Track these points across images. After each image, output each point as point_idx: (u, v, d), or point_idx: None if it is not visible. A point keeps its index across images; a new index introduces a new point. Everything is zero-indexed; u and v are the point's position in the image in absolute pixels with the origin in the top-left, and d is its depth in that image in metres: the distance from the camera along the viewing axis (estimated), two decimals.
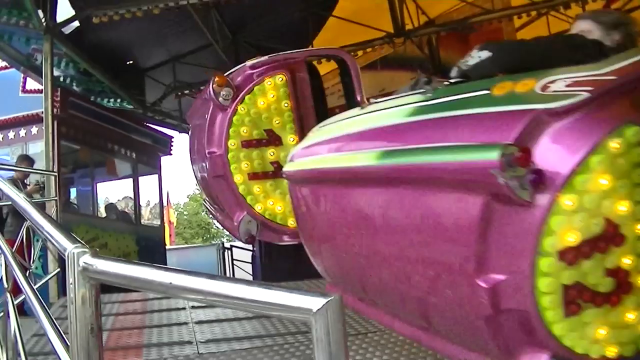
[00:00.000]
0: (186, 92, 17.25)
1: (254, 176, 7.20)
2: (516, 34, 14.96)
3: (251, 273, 17.67)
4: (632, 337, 3.06)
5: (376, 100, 4.65)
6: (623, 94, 3.00)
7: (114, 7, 11.78)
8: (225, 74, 7.40)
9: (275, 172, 7.17)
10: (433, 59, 16.17)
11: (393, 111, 4.00)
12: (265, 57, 7.51)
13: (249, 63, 7.45)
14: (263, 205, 7.25)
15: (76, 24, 13.15)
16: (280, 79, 7.24)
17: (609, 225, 2.90)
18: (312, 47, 14.87)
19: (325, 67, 10.35)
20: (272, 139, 7.21)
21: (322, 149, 4.92)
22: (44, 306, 2.74)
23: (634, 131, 2.83)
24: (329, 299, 1.42)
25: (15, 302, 4.45)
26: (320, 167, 4.76)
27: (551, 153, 2.82)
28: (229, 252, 22.06)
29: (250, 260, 17.95)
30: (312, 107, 7.53)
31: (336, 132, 4.88)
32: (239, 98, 7.27)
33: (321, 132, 5.34)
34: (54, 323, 2.46)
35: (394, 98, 4.25)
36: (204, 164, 7.67)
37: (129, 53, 16.22)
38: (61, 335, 2.32)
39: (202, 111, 7.91)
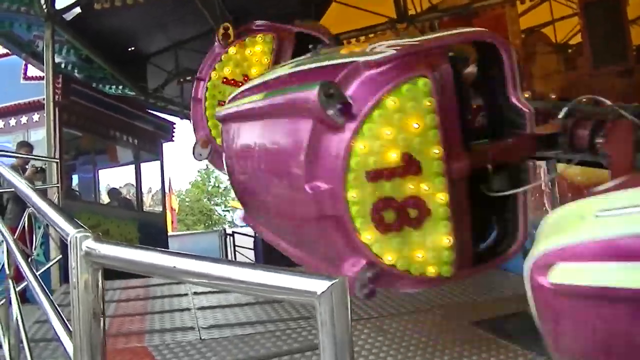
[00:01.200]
0: (188, 78, 17.18)
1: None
2: (519, 20, 14.92)
3: (253, 259, 17.68)
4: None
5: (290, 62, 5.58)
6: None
7: None
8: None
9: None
10: None
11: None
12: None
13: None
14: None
15: (77, 10, 13.09)
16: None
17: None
18: None
19: None
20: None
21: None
22: (46, 292, 2.73)
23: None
24: (334, 281, 1.41)
25: (18, 289, 4.45)
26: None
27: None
28: (231, 238, 22.08)
29: (252, 247, 17.97)
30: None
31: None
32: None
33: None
34: (57, 309, 2.45)
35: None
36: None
37: (131, 39, 16.16)
38: (64, 321, 2.31)
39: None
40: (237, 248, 21.30)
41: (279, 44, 8.08)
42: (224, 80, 7.95)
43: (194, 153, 7.99)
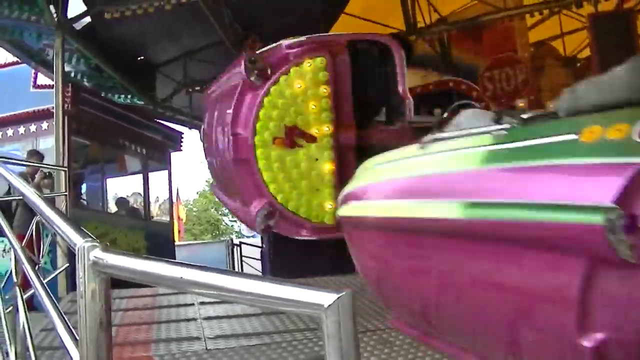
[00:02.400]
0: (197, 88, 17.23)
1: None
2: (528, 33, 14.94)
3: (260, 270, 17.68)
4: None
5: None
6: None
7: (125, 3, 11.80)
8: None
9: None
10: (445, 57, 16.16)
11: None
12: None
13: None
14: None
15: (88, 19, 13.15)
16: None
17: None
18: None
19: None
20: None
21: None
22: (53, 300, 2.74)
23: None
24: (340, 294, 1.41)
25: (25, 297, 4.47)
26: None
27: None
28: (238, 248, 22.09)
29: (259, 257, 17.98)
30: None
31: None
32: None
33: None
34: (63, 317, 2.46)
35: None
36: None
37: (140, 49, 16.22)
38: (70, 329, 2.31)
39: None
40: (244, 258, 21.30)
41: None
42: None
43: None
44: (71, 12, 12.32)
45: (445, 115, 5.39)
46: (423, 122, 7.21)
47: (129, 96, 17.54)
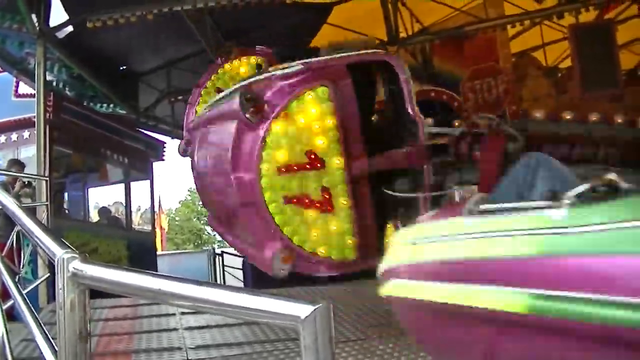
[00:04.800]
0: (179, 97, 17.20)
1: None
2: (510, 43, 15.00)
3: (242, 280, 17.64)
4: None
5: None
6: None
7: (108, 12, 11.77)
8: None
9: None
10: (427, 67, 16.20)
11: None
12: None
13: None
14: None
15: (70, 28, 13.10)
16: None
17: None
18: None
19: None
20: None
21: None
22: (32, 311, 2.74)
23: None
24: (317, 306, 1.42)
25: (4, 307, 4.44)
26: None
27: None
28: (220, 258, 22.03)
29: (241, 267, 17.94)
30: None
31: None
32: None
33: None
34: (43, 328, 2.46)
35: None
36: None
37: (123, 58, 16.19)
38: (50, 340, 2.31)
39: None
40: (226, 268, 21.25)
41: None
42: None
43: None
44: (54, 21, 12.28)
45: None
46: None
47: (111, 105, 17.49)
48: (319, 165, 6.24)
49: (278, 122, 6.12)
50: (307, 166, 6.20)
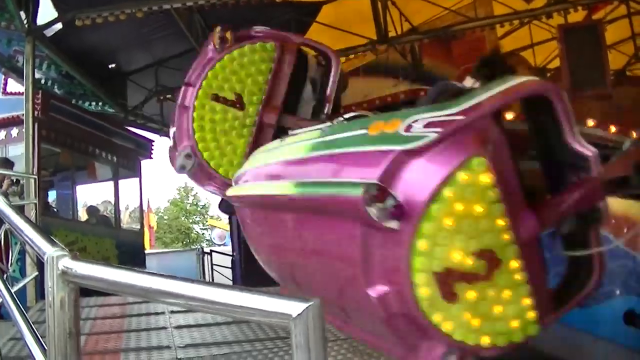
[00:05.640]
0: (168, 96, 17.16)
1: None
2: (499, 43, 15.04)
3: (231, 278, 17.62)
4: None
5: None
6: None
7: (97, 10, 11.72)
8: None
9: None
10: (416, 66, 16.21)
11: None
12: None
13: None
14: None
15: (59, 26, 13.05)
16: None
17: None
18: None
19: None
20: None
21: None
22: (21, 310, 2.72)
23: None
24: (309, 304, 1.42)
25: None
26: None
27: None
28: (209, 257, 22.00)
29: (230, 266, 17.92)
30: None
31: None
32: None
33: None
34: (32, 327, 2.45)
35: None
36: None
37: (112, 56, 16.15)
38: (38, 339, 2.30)
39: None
40: (214, 267, 21.22)
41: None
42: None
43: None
44: (42, 19, 12.23)
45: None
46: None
47: (100, 104, 17.45)
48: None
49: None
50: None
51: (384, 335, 4.26)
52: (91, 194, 20.89)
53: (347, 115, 4.99)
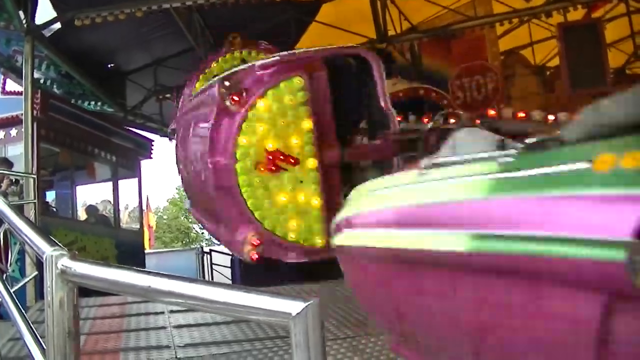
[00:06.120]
0: (167, 95, 17.17)
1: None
2: (498, 42, 15.05)
3: (230, 278, 17.62)
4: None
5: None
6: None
7: (96, 9, 11.71)
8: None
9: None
10: (415, 65, 16.22)
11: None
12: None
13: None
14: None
15: (58, 26, 13.06)
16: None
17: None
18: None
19: None
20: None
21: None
22: (20, 310, 2.72)
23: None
24: (308, 303, 1.42)
25: None
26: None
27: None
28: (208, 256, 22.00)
29: (229, 265, 17.93)
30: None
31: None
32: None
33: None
34: (31, 327, 2.44)
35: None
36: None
37: (111, 56, 16.16)
38: (38, 339, 2.30)
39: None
40: (214, 266, 21.22)
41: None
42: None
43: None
44: (41, 19, 12.23)
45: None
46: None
47: (99, 103, 17.48)
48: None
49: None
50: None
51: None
52: (91, 194, 20.86)
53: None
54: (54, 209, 16.13)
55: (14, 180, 11.50)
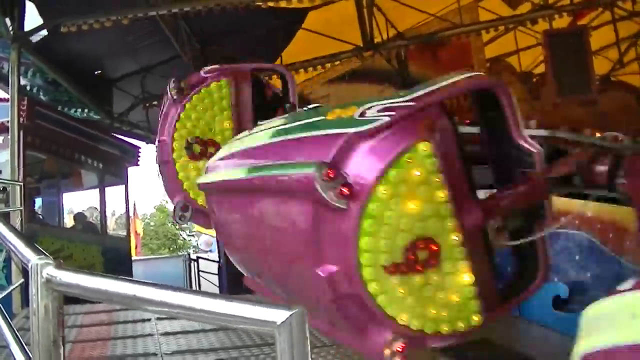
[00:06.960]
0: (154, 103, 17.14)
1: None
2: (484, 49, 15.10)
3: (217, 285, 17.60)
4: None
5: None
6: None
7: (82, 17, 11.71)
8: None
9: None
10: (402, 72, 16.24)
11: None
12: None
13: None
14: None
15: (44, 33, 13.04)
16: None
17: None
18: (281, 59, 14.95)
19: None
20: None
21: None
22: (6, 317, 2.72)
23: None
24: (293, 311, 1.42)
25: None
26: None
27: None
28: (196, 263, 21.99)
29: (216, 272, 17.91)
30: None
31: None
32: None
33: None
34: (16, 334, 2.44)
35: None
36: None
37: (97, 63, 16.12)
38: (23, 346, 2.30)
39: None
40: (201, 273, 21.21)
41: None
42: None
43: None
44: (28, 26, 12.21)
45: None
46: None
47: (86, 110, 17.41)
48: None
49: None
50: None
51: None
52: (77, 201, 20.81)
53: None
54: (41, 217, 16.08)
55: (1, 187, 11.46)
